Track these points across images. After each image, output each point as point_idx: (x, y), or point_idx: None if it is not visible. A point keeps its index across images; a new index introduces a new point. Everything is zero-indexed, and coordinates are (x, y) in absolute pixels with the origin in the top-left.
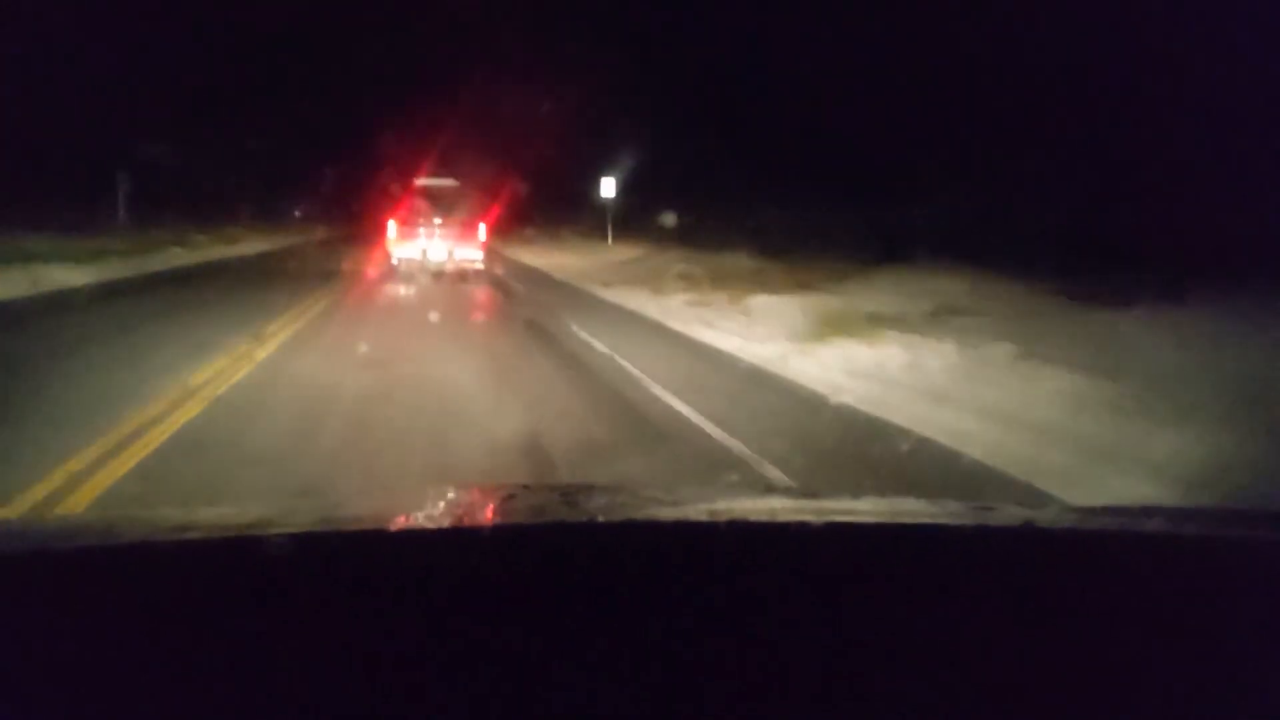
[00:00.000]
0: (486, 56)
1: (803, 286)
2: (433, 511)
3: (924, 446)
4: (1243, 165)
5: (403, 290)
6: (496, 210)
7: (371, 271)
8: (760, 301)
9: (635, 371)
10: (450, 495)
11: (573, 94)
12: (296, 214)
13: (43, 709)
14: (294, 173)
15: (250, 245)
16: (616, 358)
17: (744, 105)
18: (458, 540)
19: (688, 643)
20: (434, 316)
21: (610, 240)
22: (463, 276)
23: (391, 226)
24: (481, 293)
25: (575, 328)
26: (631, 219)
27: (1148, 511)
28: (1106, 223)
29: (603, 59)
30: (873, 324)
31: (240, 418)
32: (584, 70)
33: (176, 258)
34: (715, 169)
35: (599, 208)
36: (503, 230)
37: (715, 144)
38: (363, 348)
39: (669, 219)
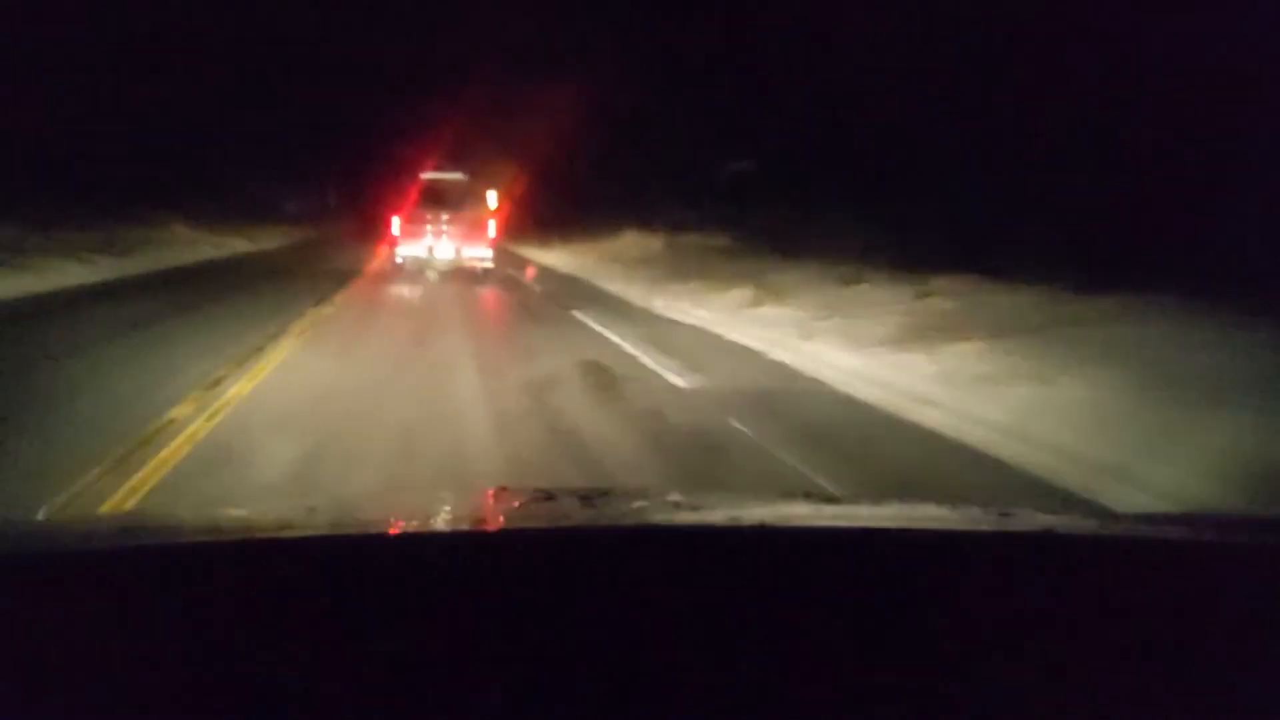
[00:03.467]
0: (498, 41)
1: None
2: (455, 515)
3: None
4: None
5: (410, 303)
6: (508, 206)
7: (371, 276)
8: None
9: None
10: (472, 500)
11: (589, 80)
12: (290, 209)
13: (61, 708)
14: (291, 167)
15: (245, 244)
16: None
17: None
18: (479, 544)
19: (709, 647)
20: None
21: None
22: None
23: (395, 223)
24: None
25: None
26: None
27: (1169, 518)
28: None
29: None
30: None
31: None
32: (600, 56)
33: (155, 259)
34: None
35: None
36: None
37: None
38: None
39: None
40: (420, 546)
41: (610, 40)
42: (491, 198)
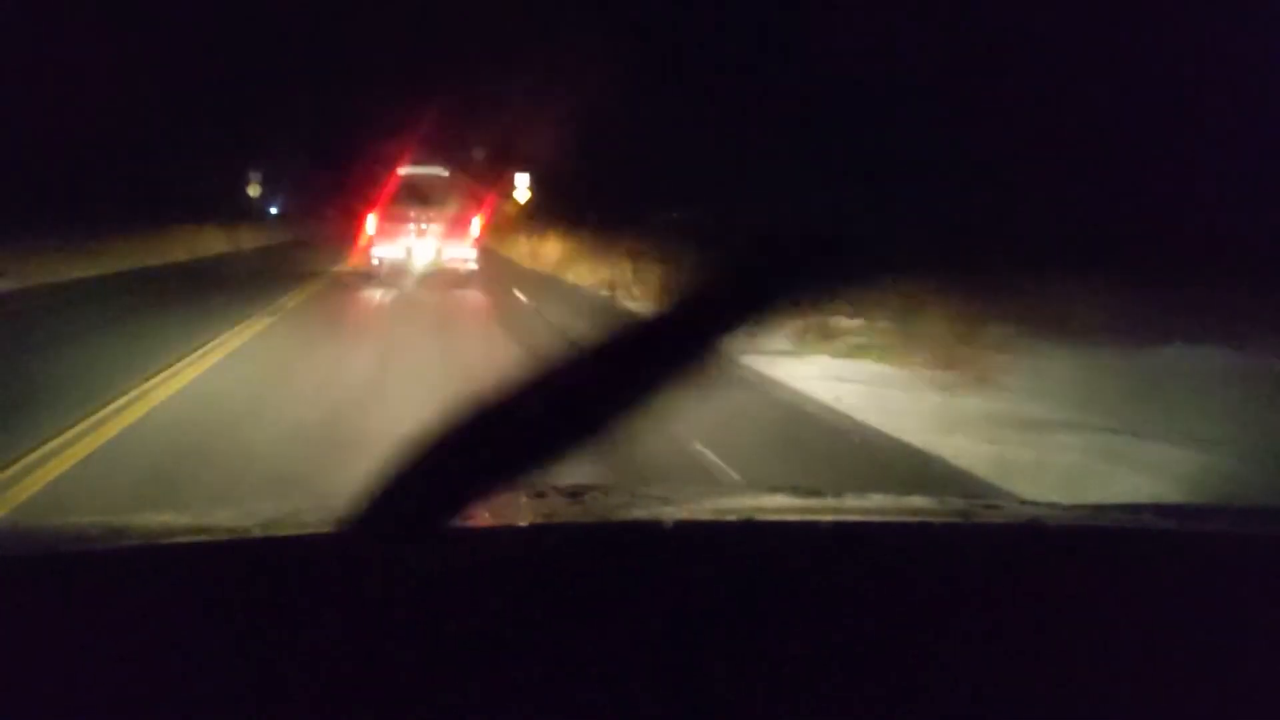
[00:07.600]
0: (481, 34)
1: None
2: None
3: None
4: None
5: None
6: (492, 203)
7: (334, 282)
8: None
9: None
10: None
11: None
12: (273, 210)
13: (53, 711)
14: (276, 165)
15: (222, 244)
16: None
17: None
18: (469, 542)
19: (692, 644)
20: None
21: None
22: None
23: (371, 222)
24: None
25: None
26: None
27: (1157, 509)
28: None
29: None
30: None
31: None
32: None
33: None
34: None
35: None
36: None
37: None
38: None
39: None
40: (409, 546)
41: (604, 33)
42: (522, 182)
